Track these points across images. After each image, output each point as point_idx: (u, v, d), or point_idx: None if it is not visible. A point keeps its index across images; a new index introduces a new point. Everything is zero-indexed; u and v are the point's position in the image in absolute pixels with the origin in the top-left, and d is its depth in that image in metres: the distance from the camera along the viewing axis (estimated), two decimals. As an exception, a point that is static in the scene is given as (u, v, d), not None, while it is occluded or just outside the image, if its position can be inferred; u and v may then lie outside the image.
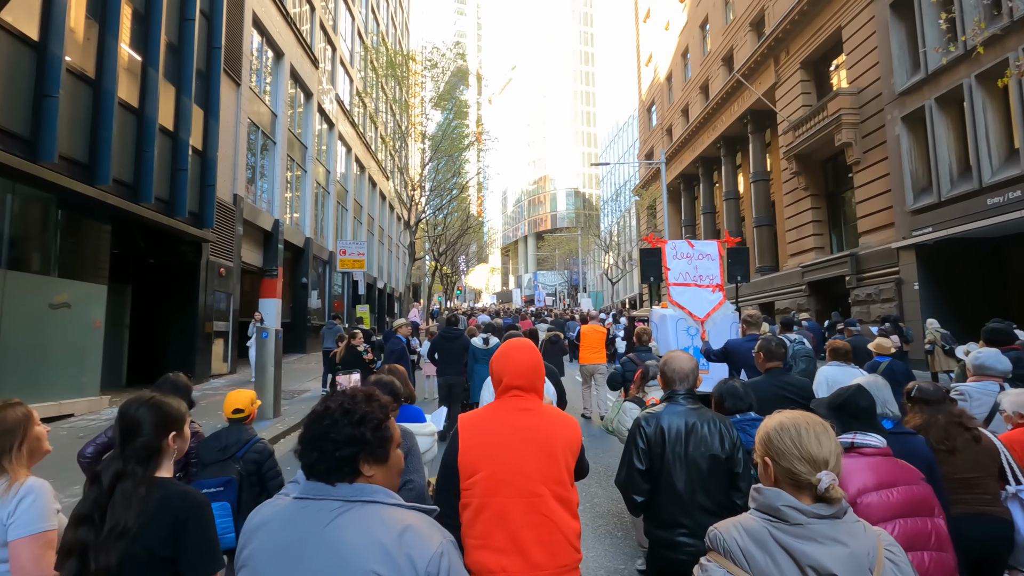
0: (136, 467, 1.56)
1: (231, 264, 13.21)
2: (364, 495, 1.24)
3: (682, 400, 2.52)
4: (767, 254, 22.25)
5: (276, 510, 1.27)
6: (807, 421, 1.43)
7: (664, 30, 34.77)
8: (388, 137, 29.59)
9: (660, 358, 3.15)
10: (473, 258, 65.66)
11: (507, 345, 2.12)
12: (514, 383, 2.01)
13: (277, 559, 1.20)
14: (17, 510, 1.69)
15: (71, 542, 1.47)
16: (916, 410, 2.82)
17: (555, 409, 2.10)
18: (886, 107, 14.43)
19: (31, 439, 1.84)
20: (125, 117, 9.35)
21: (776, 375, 3.61)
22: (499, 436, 1.93)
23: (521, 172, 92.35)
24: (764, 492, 1.40)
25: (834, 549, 1.29)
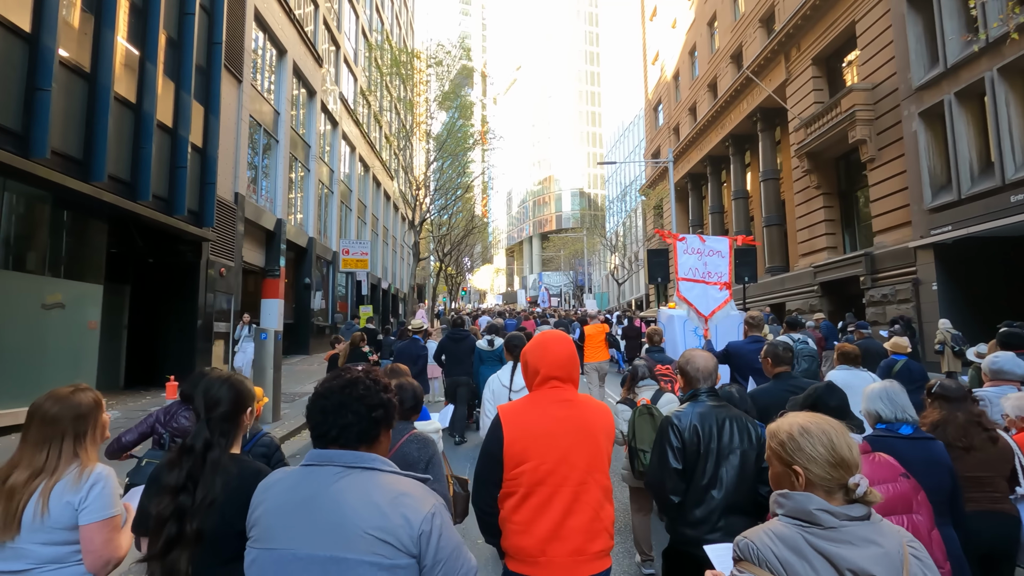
0: (220, 439, 1.66)
1: (232, 264, 12.96)
2: (364, 462, 1.34)
3: (705, 398, 2.52)
4: (777, 254, 21.87)
5: (283, 475, 1.40)
6: (831, 425, 1.42)
7: (671, 28, 34.42)
8: (392, 136, 29.37)
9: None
10: (478, 259, 65.37)
11: (543, 337, 2.16)
12: (553, 374, 2.05)
13: (284, 517, 1.30)
14: (89, 496, 1.76)
15: (170, 508, 1.53)
16: (936, 406, 2.84)
17: (590, 398, 2.12)
18: (902, 103, 14.05)
19: (101, 425, 1.90)
20: (122, 112, 9.11)
21: (785, 380, 3.54)
22: (544, 427, 1.97)
23: (526, 173, 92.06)
24: (794, 497, 1.38)
25: (870, 550, 1.29)
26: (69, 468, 1.77)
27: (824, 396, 2.37)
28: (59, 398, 1.82)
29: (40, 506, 1.70)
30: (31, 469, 1.74)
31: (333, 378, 1.44)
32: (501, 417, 2.02)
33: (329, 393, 1.40)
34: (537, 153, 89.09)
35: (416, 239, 21.61)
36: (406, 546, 1.25)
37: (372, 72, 26.73)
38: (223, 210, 12.59)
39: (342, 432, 1.36)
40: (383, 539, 1.25)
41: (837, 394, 2.41)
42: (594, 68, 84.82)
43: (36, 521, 1.70)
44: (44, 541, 1.71)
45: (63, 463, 1.77)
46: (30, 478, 1.73)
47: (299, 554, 1.26)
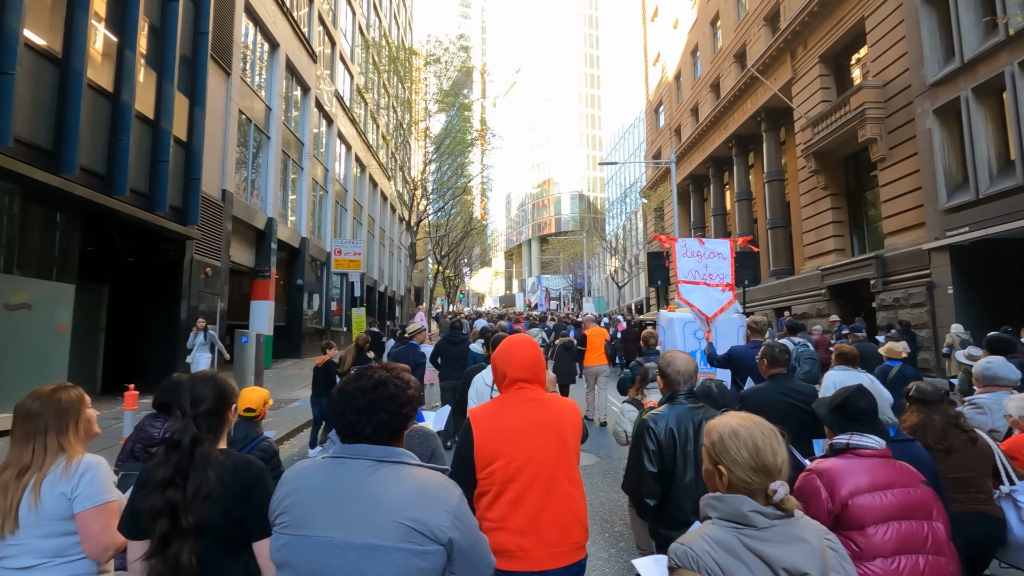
0: (208, 434, 1.70)
1: (218, 264, 12.42)
2: (393, 456, 1.43)
3: (684, 400, 2.54)
4: (782, 256, 21.37)
5: (313, 465, 1.45)
6: (761, 431, 1.44)
7: (672, 28, 34.01)
8: (389, 136, 28.86)
9: None
10: (476, 261, 64.87)
11: (507, 342, 2.23)
12: (519, 376, 2.14)
13: (319, 506, 1.36)
14: (80, 484, 1.81)
15: (160, 503, 1.56)
16: (913, 409, 2.87)
17: (557, 396, 2.21)
18: (915, 100, 13.57)
19: (84, 420, 1.96)
20: (97, 102, 8.59)
21: (780, 381, 3.56)
22: (513, 427, 2.04)
23: (525, 175, 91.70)
24: (728, 500, 1.40)
25: (800, 547, 1.34)
26: (56, 461, 1.82)
27: (854, 397, 2.29)
28: (39, 396, 1.89)
29: (33, 499, 1.75)
30: (19, 466, 1.79)
31: (360, 378, 1.50)
32: (471, 420, 2.10)
33: (361, 393, 1.46)
34: (536, 156, 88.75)
35: (413, 240, 21.08)
36: (435, 534, 1.33)
37: (369, 70, 26.23)
38: (209, 208, 12.06)
39: (376, 431, 1.44)
40: (415, 528, 1.32)
41: (867, 397, 2.32)
42: (594, 71, 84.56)
43: (31, 515, 1.75)
44: (44, 534, 1.77)
45: (48, 457, 1.82)
46: (19, 474, 1.78)
47: (336, 541, 1.32)
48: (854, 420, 2.24)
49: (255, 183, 15.33)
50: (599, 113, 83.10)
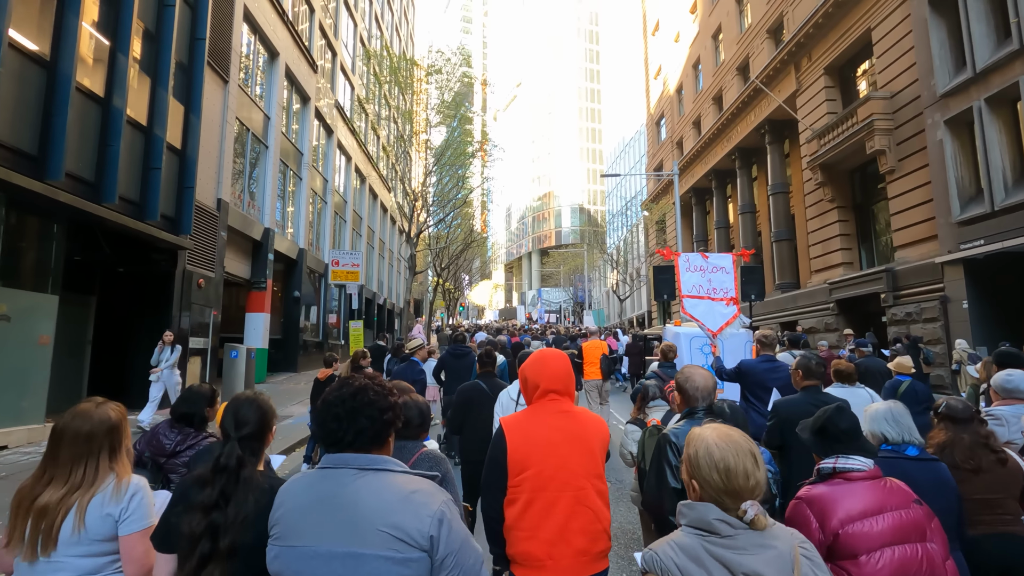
0: (251, 457, 1.71)
1: (212, 275, 12.06)
2: (377, 464, 1.44)
3: (703, 416, 2.51)
4: (787, 270, 21.05)
5: (302, 477, 1.49)
6: (736, 449, 1.44)
7: (674, 42, 34.04)
8: (390, 147, 28.68)
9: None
10: (476, 274, 64.56)
11: (541, 354, 2.30)
12: (552, 387, 2.20)
13: (304, 516, 1.39)
14: (131, 506, 1.80)
15: (203, 526, 1.54)
16: (942, 427, 2.81)
17: (585, 410, 2.25)
18: (925, 111, 13.33)
19: (128, 437, 1.95)
20: (86, 106, 8.29)
21: (813, 394, 3.55)
22: (544, 436, 2.11)
23: (525, 188, 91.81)
24: (695, 507, 1.44)
25: (764, 554, 1.35)
26: (106, 481, 1.81)
27: (834, 418, 2.26)
28: (87, 415, 1.85)
29: (77, 520, 1.74)
30: (68, 486, 1.77)
31: (341, 387, 1.52)
32: (504, 427, 2.15)
33: (340, 401, 1.48)
34: (537, 169, 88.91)
35: (412, 252, 20.75)
36: (417, 541, 1.33)
37: (370, 82, 26.11)
38: (203, 217, 11.73)
39: (357, 437, 1.46)
40: (395, 535, 1.33)
41: (847, 416, 2.28)
42: (594, 85, 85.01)
43: (74, 536, 1.74)
44: (82, 554, 1.75)
45: (100, 477, 1.81)
46: (66, 494, 1.76)
47: (319, 550, 1.34)
48: (838, 442, 2.20)
49: (252, 193, 15.03)
50: (599, 127, 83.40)
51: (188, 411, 2.91)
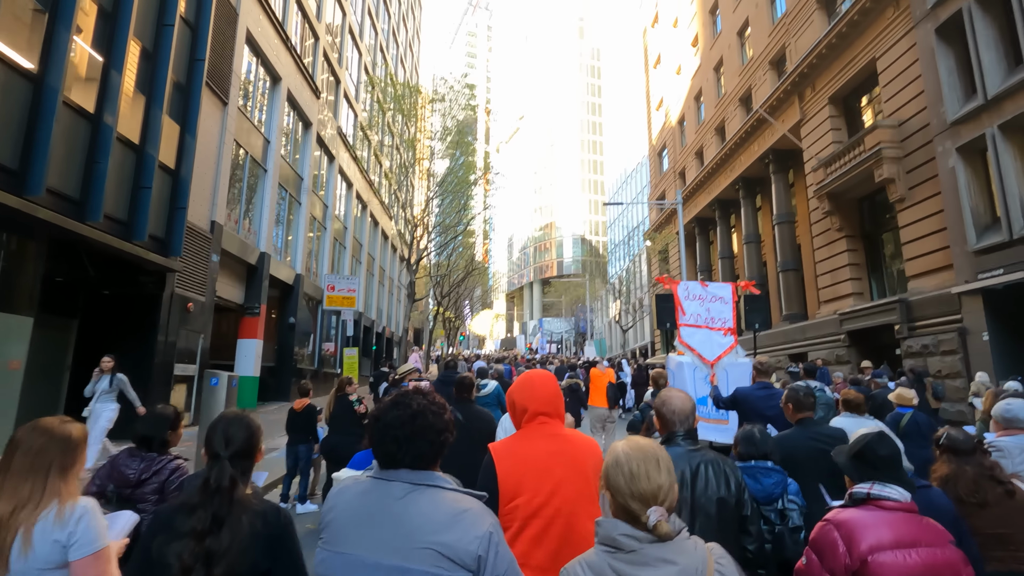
0: (242, 476, 1.67)
1: (203, 299, 11.65)
2: (429, 480, 1.45)
3: (681, 441, 2.42)
4: (795, 301, 20.59)
5: (355, 485, 1.50)
6: (642, 455, 1.48)
7: (675, 74, 34.40)
8: (392, 174, 28.64)
9: None
10: (478, 303, 64.14)
11: (527, 376, 2.26)
12: (540, 410, 2.14)
13: (354, 525, 1.41)
14: (78, 530, 1.71)
15: (195, 555, 1.49)
16: (944, 459, 2.73)
17: (577, 432, 2.20)
18: (935, 138, 13.09)
19: (83, 460, 1.86)
20: (74, 122, 8.02)
21: (808, 426, 3.48)
22: (535, 461, 2.03)
23: (527, 218, 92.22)
24: (603, 524, 1.48)
25: (665, 569, 1.37)
26: (50, 504, 1.71)
27: (873, 444, 2.18)
28: (46, 429, 1.78)
29: (24, 543, 1.65)
30: (15, 501, 1.68)
31: (397, 407, 1.50)
32: (493, 453, 2.08)
33: (400, 424, 1.47)
34: (539, 199, 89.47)
35: (412, 279, 20.39)
36: (464, 560, 1.34)
37: (373, 109, 26.23)
38: (195, 239, 11.39)
39: (416, 459, 1.46)
40: (443, 553, 1.33)
41: (887, 444, 2.20)
42: (596, 118, 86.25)
43: (21, 560, 1.65)
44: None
45: (46, 497, 1.71)
46: (15, 511, 1.67)
47: (367, 560, 1.35)
48: (874, 468, 2.12)
49: (249, 216, 14.75)
50: (601, 159, 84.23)
51: (149, 434, 2.74)
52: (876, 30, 15.50)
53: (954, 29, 12.67)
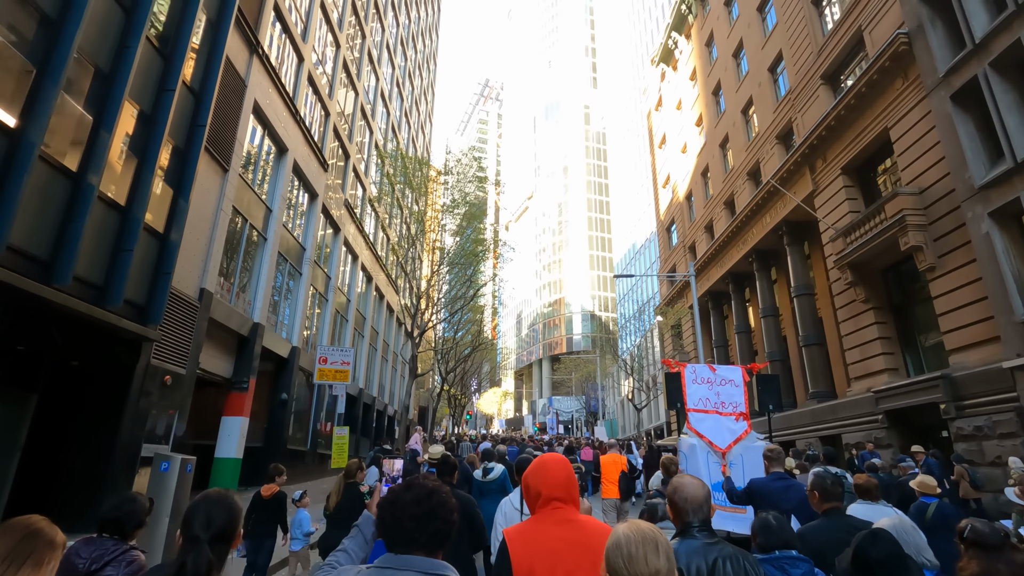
0: (219, 562, 1.62)
1: (182, 371, 10.77)
2: (438, 569, 1.47)
3: (697, 533, 2.29)
4: (821, 377, 19.28)
5: (358, 572, 1.54)
6: (641, 538, 1.50)
7: (681, 153, 34.97)
8: (399, 247, 28.50)
9: None
10: (485, 379, 62.46)
11: (541, 459, 2.26)
12: (554, 495, 2.14)
13: None
14: None
15: None
16: (970, 555, 2.41)
17: (591, 519, 2.20)
18: (963, 204, 12.46)
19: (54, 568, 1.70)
20: (51, 178, 7.56)
21: (835, 517, 3.25)
22: (549, 549, 2.03)
23: (536, 295, 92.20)
24: None
25: None
26: None
27: (865, 547, 2.10)
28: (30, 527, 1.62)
29: None
30: None
31: (411, 487, 1.56)
32: (507, 539, 2.10)
33: (417, 502, 1.52)
34: (548, 276, 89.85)
35: (414, 351, 19.45)
36: None
37: (382, 183, 26.47)
38: (180, 307, 10.70)
39: (431, 538, 1.50)
40: None
41: (880, 544, 2.10)
42: (603, 197, 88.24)
43: None
44: None
45: None
46: None
47: None
48: (871, 573, 2.04)
49: (244, 285, 14.15)
50: (609, 236, 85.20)
51: (120, 517, 2.56)
52: (885, 101, 15.38)
53: (971, 95, 12.39)
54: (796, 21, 20.54)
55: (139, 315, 9.35)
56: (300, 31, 16.88)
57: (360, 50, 23.98)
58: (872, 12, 16.05)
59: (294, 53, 16.52)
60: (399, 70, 32.58)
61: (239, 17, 12.58)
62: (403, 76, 33.88)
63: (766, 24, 23.80)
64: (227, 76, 12.23)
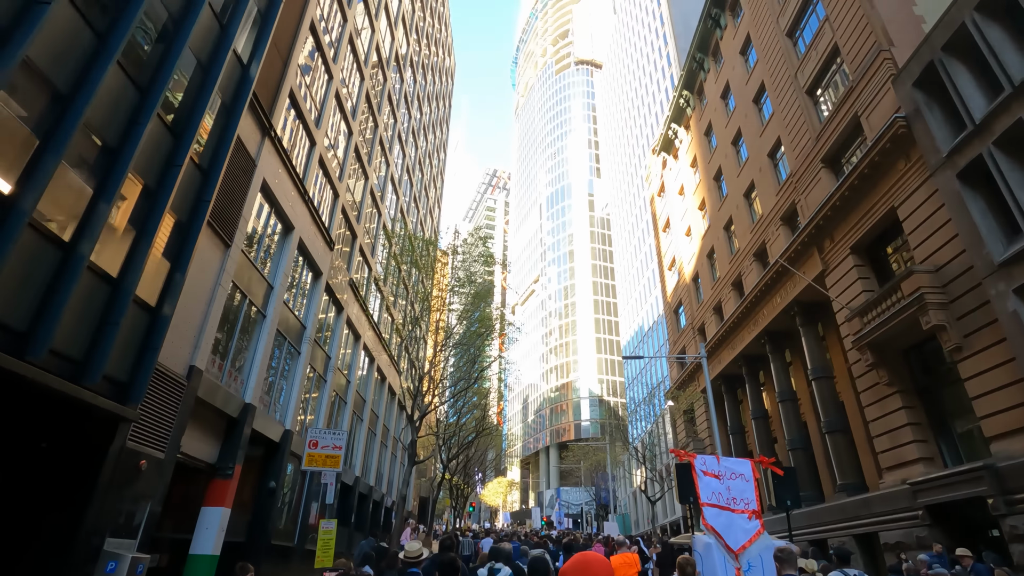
0: None
1: (161, 456, 9.99)
2: None
3: None
4: (848, 467, 17.97)
5: None
6: None
7: (685, 235, 35.30)
8: (403, 329, 28.06)
9: None
10: (490, 468, 59.58)
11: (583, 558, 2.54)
12: None
13: None
14: None
15: None
16: None
17: None
18: (984, 281, 12.03)
19: None
20: (39, 246, 7.32)
21: None
22: None
23: (543, 380, 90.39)
24: None
25: None
26: None
27: None
28: None
29: None
30: None
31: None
32: None
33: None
34: (554, 359, 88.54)
35: (414, 436, 18.41)
36: None
37: (389, 264, 26.54)
38: (165, 385, 10.13)
39: None
40: None
41: None
42: (608, 281, 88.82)
43: None
44: None
45: None
46: None
47: None
48: None
49: (238, 364, 13.61)
50: (615, 319, 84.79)
51: None
52: (890, 181, 15.43)
53: (977, 172, 12.34)
54: (792, 110, 21.26)
55: (119, 393, 8.78)
56: (314, 118, 17.52)
57: (372, 137, 24.93)
58: (867, 99, 16.52)
59: (306, 137, 17.04)
60: (409, 158, 33.83)
61: (254, 101, 13.01)
62: (413, 163, 35.15)
63: (763, 113, 24.71)
64: (237, 155, 12.44)
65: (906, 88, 14.43)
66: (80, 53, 7.92)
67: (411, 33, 33.98)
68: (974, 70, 12.75)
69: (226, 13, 11.59)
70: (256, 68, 12.49)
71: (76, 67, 7.85)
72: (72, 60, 7.78)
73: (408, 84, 33.33)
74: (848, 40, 17.67)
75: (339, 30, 20.19)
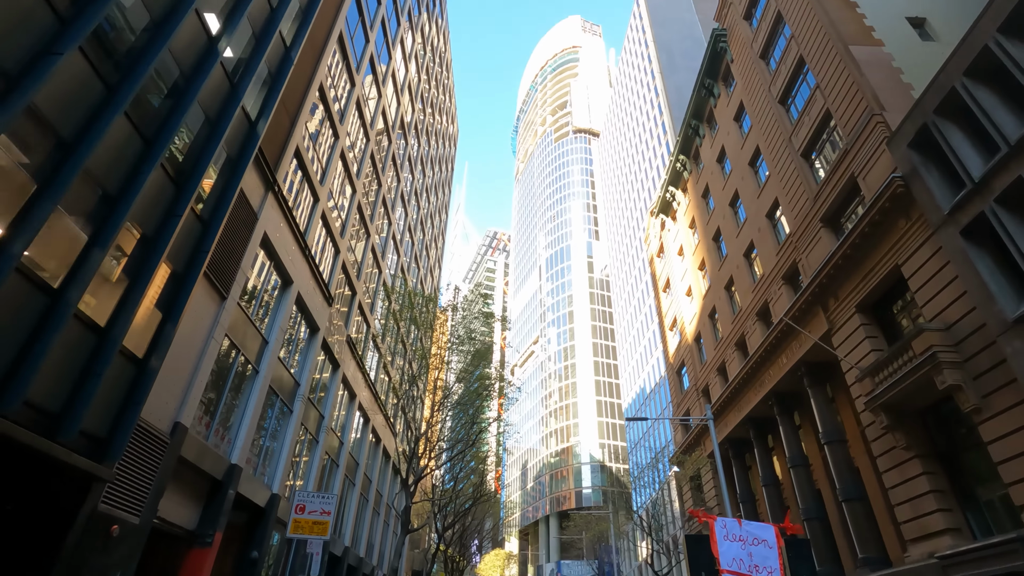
0: None
1: (135, 520, 9.30)
2: None
3: None
4: (868, 539, 16.89)
5: None
6: None
7: (686, 296, 35.19)
8: (400, 388, 27.35)
9: None
10: (487, 538, 56.66)
11: None
12: None
13: None
14: None
15: None
16: None
17: None
18: (999, 339, 11.70)
19: None
20: (24, 291, 7.06)
21: None
22: None
23: (543, 443, 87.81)
24: None
25: None
26: None
27: None
28: None
29: None
30: None
31: None
32: None
33: None
34: (554, 423, 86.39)
35: (408, 502, 17.44)
36: None
37: (388, 321, 26.22)
38: (146, 441, 9.59)
39: None
40: None
41: None
42: (608, 342, 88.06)
43: None
44: None
45: None
46: None
47: None
48: None
49: (227, 421, 13.03)
50: (616, 381, 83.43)
51: None
52: (892, 240, 15.40)
53: (981, 229, 12.30)
54: (788, 172, 21.65)
55: (95, 450, 8.26)
56: (318, 176, 17.76)
57: (376, 197, 25.28)
58: (863, 161, 16.80)
59: (310, 194, 17.19)
60: (411, 218, 34.26)
61: (259, 156, 13.16)
62: (415, 223, 35.56)
63: (759, 176, 25.20)
64: (239, 207, 12.44)
65: (901, 149, 14.68)
66: (88, 103, 7.98)
67: (416, 101, 35.32)
68: (967, 130, 12.99)
69: (238, 72, 11.91)
70: (264, 125, 12.71)
71: (82, 116, 7.89)
72: (79, 109, 7.83)
73: (412, 147, 34.28)
74: (840, 105, 18.21)
75: (346, 94, 20.88)
